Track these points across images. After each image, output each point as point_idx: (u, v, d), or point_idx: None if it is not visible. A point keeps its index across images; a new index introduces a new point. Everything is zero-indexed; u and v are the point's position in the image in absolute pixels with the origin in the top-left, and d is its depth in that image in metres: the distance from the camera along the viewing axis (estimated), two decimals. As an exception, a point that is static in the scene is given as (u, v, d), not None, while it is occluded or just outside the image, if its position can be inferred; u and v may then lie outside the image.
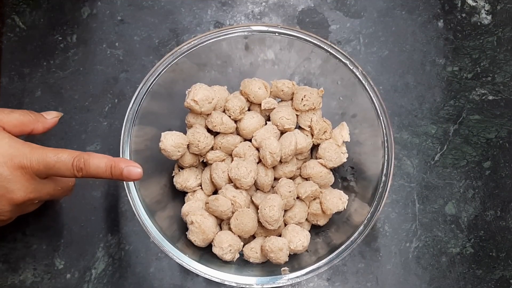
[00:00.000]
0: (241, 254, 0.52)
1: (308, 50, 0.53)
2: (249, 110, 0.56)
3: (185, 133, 0.53)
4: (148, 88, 0.50)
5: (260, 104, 0.55)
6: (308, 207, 0.53)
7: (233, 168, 0.51)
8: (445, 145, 0.63)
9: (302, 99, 0.54)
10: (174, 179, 0.54)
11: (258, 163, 0.53)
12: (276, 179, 0.54)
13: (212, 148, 0.54)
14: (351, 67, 0.51)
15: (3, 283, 0.57)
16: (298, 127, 0.56)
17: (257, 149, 0.53)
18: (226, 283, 0.47)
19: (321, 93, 0.54)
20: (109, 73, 0.63)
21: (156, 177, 0.54)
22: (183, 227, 0.52)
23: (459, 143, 0.63)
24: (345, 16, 0.66)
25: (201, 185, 0.54)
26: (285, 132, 0.54)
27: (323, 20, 0.66)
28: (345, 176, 0.57)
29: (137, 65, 0.64)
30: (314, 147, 0.56)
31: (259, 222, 0.51)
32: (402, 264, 0.59)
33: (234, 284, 0.46)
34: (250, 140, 0.54)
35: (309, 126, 0.55)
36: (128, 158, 0.49)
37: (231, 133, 0.54)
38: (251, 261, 0.51)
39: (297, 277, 0.47)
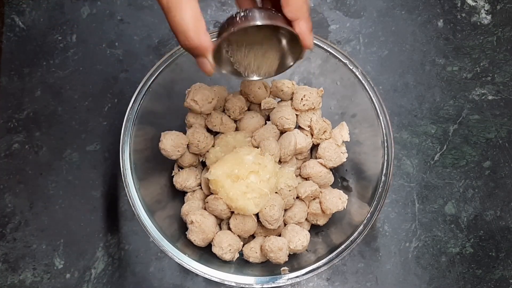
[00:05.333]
0: (241, 253, 0.52)
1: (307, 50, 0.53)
2: (249, 110, 0.56)
3: (185, 133, 0.53)
4: (148, 88, 0.50)
5: (260, 104, 0.55)
6: (308, 207, 0.53)
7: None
8: (445, 145, 0.63)
9: (301, 99, 0.54)
10: (174, 179, 0.54)
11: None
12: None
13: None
14: (351, 67, 0.51)
15: (3, 282, 0.57)
16: (298, 127, 0.56)
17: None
18: (225, 282, 0.47)
19: (320, 93, 0.54)
20: (109, 73, 0.63)
21: (156, 177, 0.54)
22: (183, 226, 0.52)
23: (459, 143, 0.63)
24: (345, 16, 0.66)
25: (200, 185, 0.54)
26: (284, 132, 0.54)
27: (323, 20, 0.66)
28: (344, 176, 0.57)
29: (137, 65, 0.64)
30: (314, 147, 0.56)
31: (258, 221, 0.51)
32: (402, 264, 0.59)
33: (234, 284, 0.46)
34: (249, 140, 0.54)
35: (309, 126, 0.55)
36: (128, 158, 0.49)
37: (230, 133, 0.54)
38: (250, 260, 0.51)
39: (297, 277, 0.47)
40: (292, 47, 0.41)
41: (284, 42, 0.41)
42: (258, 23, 0.36)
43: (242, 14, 0.36)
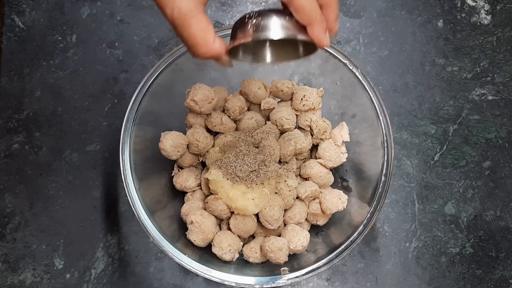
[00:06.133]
0: (241, 254, 0.52)
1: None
2: (248, 110, 0.56)
3: (185, 133, 0.53)
4: (147, 88, 0.50)
5: (259, 104, 0.55)
6: (308, 207, 0.53)
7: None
8: (445, 145, 0.63)
9: (301, 99, 0.54)
10: (174, 179, 0.54)
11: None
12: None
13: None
14: (351, 67, 0.51)
15: (3, 283, 0.57)
16: (298, 127, 0.56)
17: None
18: (225, 283, 0.47)
19: (320, 93, 0.54)
20: (108, 73, 0.63)
21: (155, 177, 0.54)
22: (183, 227, 0.52)
23: (459, 143, 0.63)
24: (345, 16, 0.66)
25: (200, 185, 0.54)
26: (284, 132, 0.54)
27: (323, 20, 0.66)
28: (344, 176, 0.57)
29: (136, 65, 0.64)
30: (314, 147, 0.56)
31: (258, 221, 0.51)
32: (402, 264, 0.59)
33: (234, 284, 0.46)
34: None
35: (309, 126, 0.55)
36: (128, 158, 0.49)
37: (230, 133, 0.54)
38: (250, 261, 0.51)
39: (297, 277, 0.47)
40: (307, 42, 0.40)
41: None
42: (271, 37, 0.35)
43: (254, 21, 0.35)
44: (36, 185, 0.60)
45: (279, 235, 0.52)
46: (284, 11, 0.36)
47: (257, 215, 0.51)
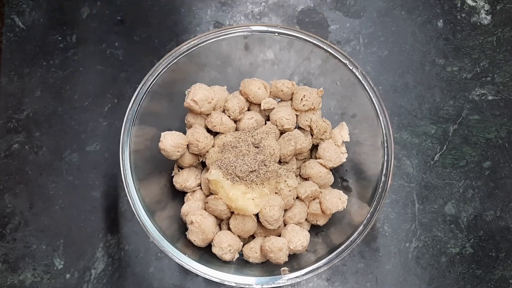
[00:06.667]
0: (241, 254, 0.52)
1: (307, 50, 0.53)
2: (248, 110, 0.56)
3: (184, 133, 0.53)
4: (148, 88, 0.50)
5: (259, 104, 0.55)
6: (308, 207, 0.53)
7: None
8: (445, 145, 0.63)
9: (301, 99, 0.54)
10: (174, 179, 0.54)
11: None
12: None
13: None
14: (351, 67, 0.51)
15: (3, 283, 0.57)
16: (298, 127, 0.56)
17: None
18: (225, 283, 0.47)
19: (320, 93, 0.54)
20: (109, 73, 0.63)
21: (155, 177, 0.54)
22: (183, 227, 0.52)
23: (459, 143, 0.63)
24: (345, 16, 0.66)
25: (200, 185, 0.54)
26: (284, 132, 0.54)
27: (323, 20, 0.66)
28: (344, 176, 0.57)
29: (137, 65, 0.64)
30: (314, 147, 0.56)
31: (258, 221, 0.51)
32: (402, 264, 0.59)
33: (234, 284, 0.46)
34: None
35: (309, 126, 0.55)
36: (128, 158, 0.49)
37: (230, 133, 0.54)
38: (250, 261, 0.51)
39: (297, 277, 0.47)
40: None
41: None
42: None
43: None
44: (36, 185, 0.60)
45: (279, 235, 0.52)
46: None
47: (257, 215, 0.51)
